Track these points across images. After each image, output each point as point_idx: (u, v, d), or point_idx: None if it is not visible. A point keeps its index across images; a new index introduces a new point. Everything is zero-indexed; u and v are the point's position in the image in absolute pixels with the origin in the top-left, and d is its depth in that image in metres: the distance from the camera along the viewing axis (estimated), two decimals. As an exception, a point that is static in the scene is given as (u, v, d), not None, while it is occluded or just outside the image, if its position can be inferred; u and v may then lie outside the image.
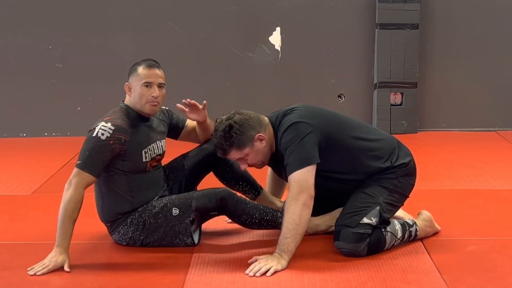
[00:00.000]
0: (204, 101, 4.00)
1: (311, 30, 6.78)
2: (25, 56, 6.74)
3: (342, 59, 6.82)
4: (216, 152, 3.80)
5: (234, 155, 3.71)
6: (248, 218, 3.79)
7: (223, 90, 6.84)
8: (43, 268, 3.52)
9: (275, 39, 6.77)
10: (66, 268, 3.53)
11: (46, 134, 6.83)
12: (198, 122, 4.02)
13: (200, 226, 3.91)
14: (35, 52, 6.73)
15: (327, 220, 3.94)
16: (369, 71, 6.83)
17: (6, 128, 6.82)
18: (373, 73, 6.81)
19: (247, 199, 3.98)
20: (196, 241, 3.84)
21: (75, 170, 3.65)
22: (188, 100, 3.92)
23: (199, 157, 4.04)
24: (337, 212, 3.87)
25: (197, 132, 4.08)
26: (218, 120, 3.72)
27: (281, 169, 3.76)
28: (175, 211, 3.75)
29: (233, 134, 3.64)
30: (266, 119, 3.79)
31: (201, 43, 6.76)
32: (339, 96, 6.87)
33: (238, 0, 6.74)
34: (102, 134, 3.63)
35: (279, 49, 6.78)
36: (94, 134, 3.64)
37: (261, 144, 3.70)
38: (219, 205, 3.74)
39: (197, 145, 4.13)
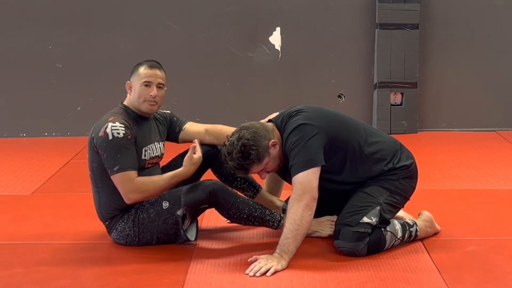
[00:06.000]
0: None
1: (311, 30, 6.78)
2: (25, 56, 6.74)
3: (342, 59, 6.82)
4: (236, 174, 3.81)
5: (255, 169, 3.71)
6: (236, 212, 3.78)
7: (223, 90, 6.84)
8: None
9: (275, 39, 6.77)
10: None
11: (46, 134, 6.83)
12: None
13: (196, 223, 3.91)
14: (35, 52, 6.73)
15: (313, 225, 3.89)
16: (369, 71, 6.83)
17: (6, 128, 6.82)
18: (373, 73, 6.81)
19: (244, 196, 3.99)
20: (192, 237, 3.84)
21: (119, 175, 3.68)
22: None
23: None
24: (324, 219, 3.90)
25: (209, 139, 4.05)
26: (227, 143, 3.68)
27: (286, 171, 3.76)
28: (165, 204, 3.75)
29: (250, 151, 3.62)
30: (269, 123, 3.79)
31: (201, 43, 6.76)
32: (339, 96, 6.87)
33: (238, 0, 6.74)
34: (118, 133, 3.67)
35: (279, 49, 6.78)
36: (110, 137, 3.67)
37: (275, 149, 3.70)
38: (209, 197, 3.72)
39: None
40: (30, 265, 3.64)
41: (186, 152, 4.08)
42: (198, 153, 3.80)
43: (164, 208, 3.75)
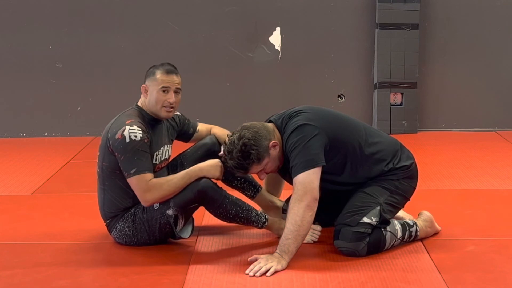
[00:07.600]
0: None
1: (311, 30, 6.78)
2: (25, 56, 6.74)
3: (342, 59, 6.82)
4: (235, 173, 3.82)
5: (255, 169, 3.72)
6: (223, 212, 3.77)
7: (223, 90, 6.84)
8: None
9: (275, 39, 6.77)
10: None
11: (46, 134, 6.83)
12: None
13: (192, 221, 3.91)
14: (35, 52, 6.73)
15: None
16: (369, 71, 6.83)
17: (6, 128, 6.82)
18: (373, 73, 6.81)
19: (244, 196, 3.99)
20: (187, 235, 3.84)
21: (135, 178, 3.67)
22: None
23: (197, 154, 4.06)
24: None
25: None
26: (228, 142, 3.69)
27: (286, 171, 3.76)
28: (156, 205, 3.75)
29: (251, 151, 3.63)
30: (271, 124, 3.79)
31: (201, 43, 6.76)
32: (339, 96, 6.87)
33: (238, 0, 6.74)
34: (136, 136, 3.67)
35: (279, 49, 6.78)
36: (128, 140, 3.67)
37: (276, 150, 3.71)
38: (197, 196, 3.72)
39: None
40: (30, 265, 3.64)
41: (185, 152, 4.08)
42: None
43: (155, 208, 3.76)
